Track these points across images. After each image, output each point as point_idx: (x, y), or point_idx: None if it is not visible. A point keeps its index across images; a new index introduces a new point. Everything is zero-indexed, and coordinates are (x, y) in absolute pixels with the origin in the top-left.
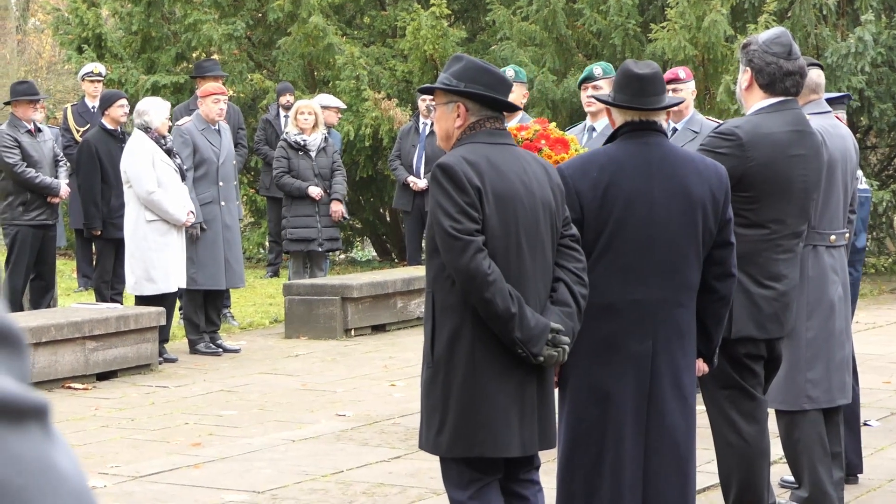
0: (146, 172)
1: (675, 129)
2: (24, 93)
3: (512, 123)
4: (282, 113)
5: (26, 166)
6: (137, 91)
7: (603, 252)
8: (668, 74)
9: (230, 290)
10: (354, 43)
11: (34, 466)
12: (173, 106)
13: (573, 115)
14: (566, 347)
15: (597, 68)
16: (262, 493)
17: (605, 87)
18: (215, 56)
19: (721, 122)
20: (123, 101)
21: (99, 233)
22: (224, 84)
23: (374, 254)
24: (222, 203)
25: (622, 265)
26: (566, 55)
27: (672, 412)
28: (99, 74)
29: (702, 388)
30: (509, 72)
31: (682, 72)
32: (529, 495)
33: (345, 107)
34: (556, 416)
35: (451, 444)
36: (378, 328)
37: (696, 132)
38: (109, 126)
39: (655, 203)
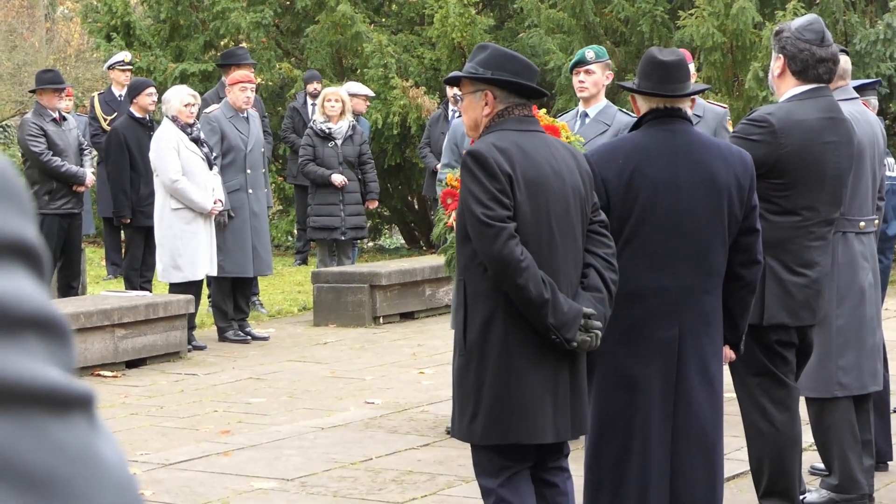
0: (170, 161)
1: None
2: (49, 81)
3: None
4: (309, 101)
5: (52, 155)
6: (166, 79)
7: (629, 239)
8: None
9: (258, 277)
10: (382, 31)
11: (79, 456)
12: (202, 93)
13: None
14: (599, 333)
15: (588, 52)
16: (291, 481)
17: (598, 72)
18: (244, 44)
19: (724, 105)
20: (152, 90)
21: (128, 221)
22: (252, 72)
23: (403, 241)
24: (250, 191)
25: (648, 252)
26: (594, 42)
27: (698, 399)
28: (128, 63)
29: (732, 376)
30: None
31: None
32: (559, 482)
33: (373, 95)
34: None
35: (484, 431)
36: (406, 316)
37: (700, 116)
38: (138, 114)
39: (681, 190)
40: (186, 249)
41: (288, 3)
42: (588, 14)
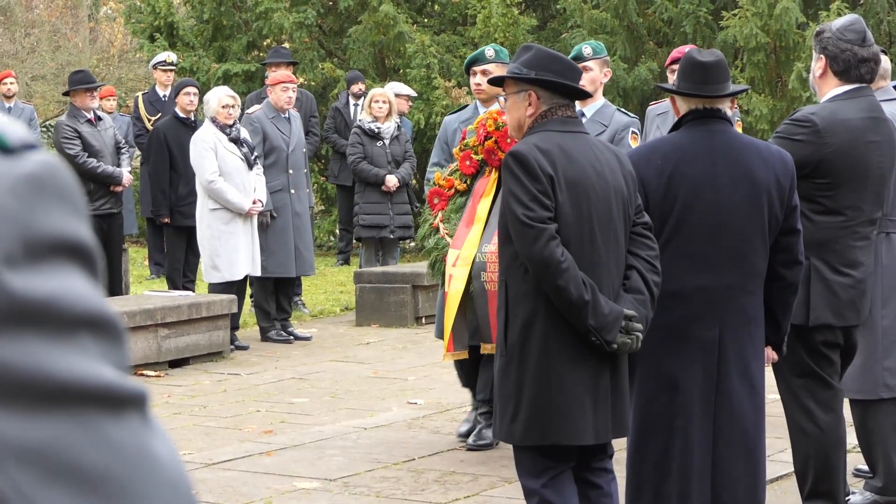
0: (208, 161)
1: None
2: (80, 81)
3: (493, 106)
4: (351, 101)
5: (87, 156)
6: (209, 79)
7: (669, 239)
8: (674, 53)
9: (301, 277)
10: (425, 31)
11: (133, 455)
12: (245, 93)
13: (644, 102)
14: (639, 335)
15: (585, 48)
16: (333, 481)
17: (595, 69)
18: (286, 44)
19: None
20: (190, 89)
21: (167, 220)
22: (294, 72)
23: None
24: (292, 191)
25: (689, 252)
26: (637, 43)
27: (740, 399)
28: (171, 64)
29: (776, 377)
30: (489, 51)
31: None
32: (602, 483)
33: (415, 95)
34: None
35: (525, 432)
36: None
37: None
38: (181, 114)
39: (721, 190)
40: (225, 250)
41: (331, 3)
42: (631, 15)
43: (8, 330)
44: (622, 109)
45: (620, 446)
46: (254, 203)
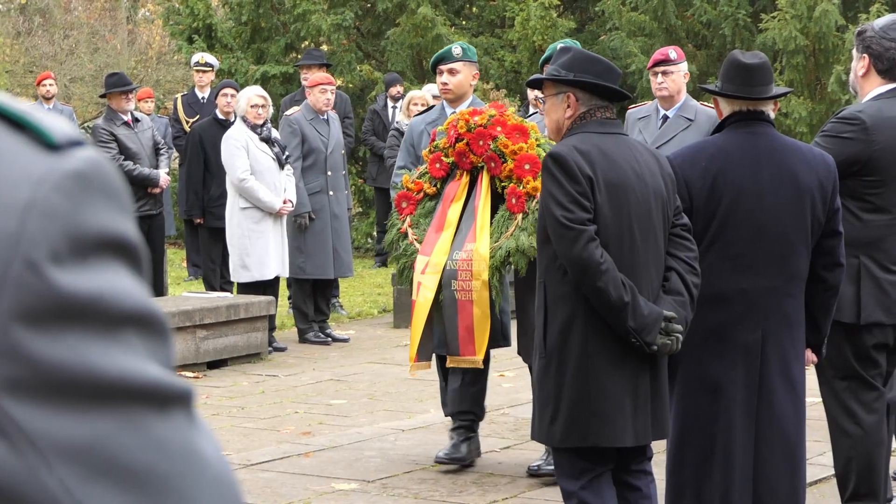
0: (239, 159)
1: (665, 117)
2: (115, 84)
3: (462, 107)
4: (390, 104)
5: (124, 159)
6: (247, 81)
7: (712, 241)
8: (657, 55)
9: (339, 279)
10: (463, 33)
11: (179, 452)
12: (283, 95)
13: None
14: (679, 336)
15: (560, 46)
16: (371, 482)
17: None
18: (324, 46)
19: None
20: (228, 90)
21: (200, 221)
22: (332, 74)
23: None
24: (331, 193)
25: (732, 254)
26: (675, 45)
27: (781, 402)
28: (206, 64)
29: (819, 378)
30: (456, 49)
31: (672, 52)
32: (642, 486)
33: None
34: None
35: (564, 434)
36: None
37: (691, 120)
38: (220, 115)
39: (764, 192)
40: (254, 249)
41: (369, 5)
42: (670, 17)
43: (55, 327)
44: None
45: (660, 448)
46: (284, 203)
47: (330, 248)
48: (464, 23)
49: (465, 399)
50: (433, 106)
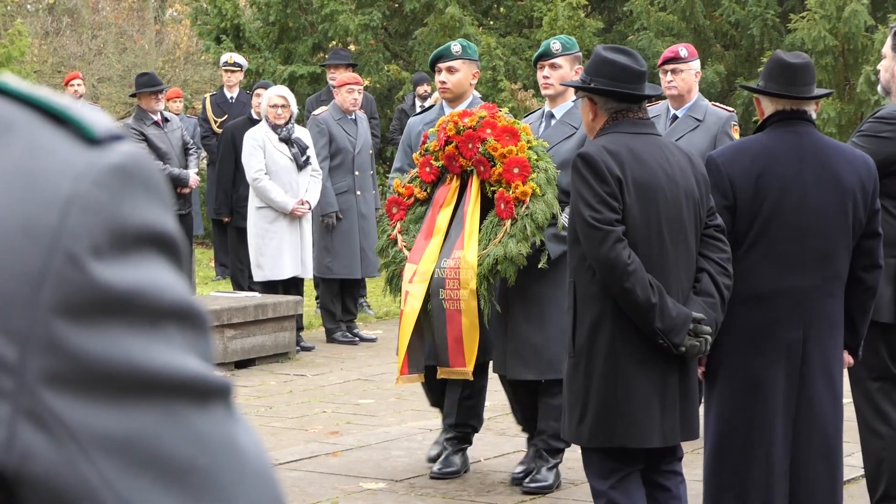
0: (255, 159)
1: (675, 117)
2: (145, 84)
3: (459, 108)
4: (417, 103)
5: (154, 159)
6: (275, 81)
7: (757, 239)
8: (667, 53)
9: (366, 279)
10: (490, 33)
11: (218, 446)
12: (309, 94)
13: None
14: (708, 338)
15: (554, 43)
16: (399, 482)
17: (565, 66)
18: (351, 46)
19: (730, 109)
20: (260, 90)
21: (227, 219)
22: (359, 74)
23: None
24: (358, 192)
25: (776, 253)
26: (704, 46)
27: (821, 402)
28: (235, 64)
29: (851, 378)
30: (456, 46)
31: (683, 49)
32: (671, 486)
33: (479, 96)
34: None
35: (592, 434)
36: None
37: (699, 120)
38: (255, 115)
39: (808, 191)
40: (268, 248)
41: (396, 5)
42: (698, 17)
43: (96, 321)
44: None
45: (689, 449)
46: (301, 204)
47: (357, 248)
48: (491, 23)
49: (462, 411)
50: (433, 105)
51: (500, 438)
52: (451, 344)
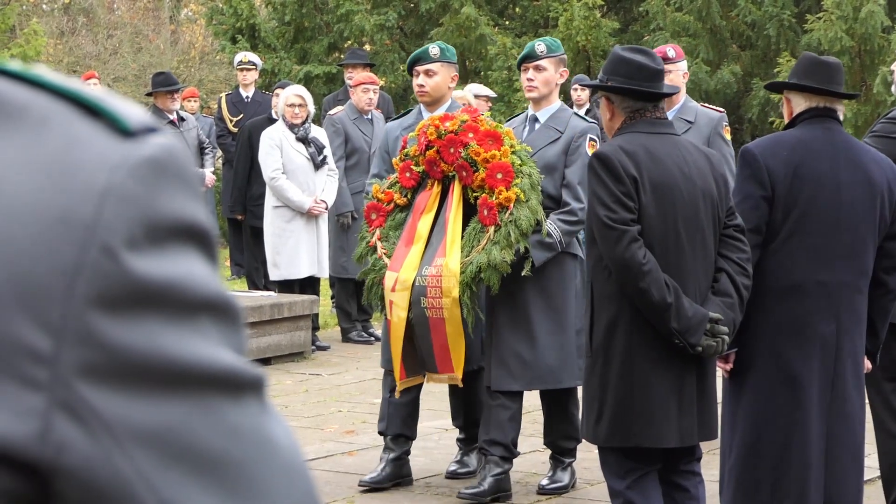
0: (271, 158)
1: None
2: (161, 84)
3: (438, 112)
4: None
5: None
6: (291, 81)
7: (792, 232)
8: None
9: None
10: (506, 33)
11: (252, 439)
12: (324, 96)
13: (727, 105)
14: (725, 338)
15: (539, 45)
16: (416, 482)
17: (550, 68)
18: (367, 46)
19: (720, 109)
20: (279, 90)
21: (241, 217)
22: (375, 74)
23: None
24: None
25: (810, 245)
26: (720, 46)
27: (852, 398)
28: (250, 62)
29: (866, 379)
30: (434, 49)
31: (671, 50)
32: (690, 487)
33: (495, 96)
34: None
35: (608, 433)
36: None
37: (690, 122)
38: (274, 115)
39: (841, 187)
40: (285, 248)
41: (412, 5)
42: (714, 17)
43: (130, 313)
44: (579, 114)
45: (706, 448)
46: (317, 203)
47: None
48: (507, 23)
49: (470, 411)
50: (410, 110)
51: (519, 438)
52: (438, 351)
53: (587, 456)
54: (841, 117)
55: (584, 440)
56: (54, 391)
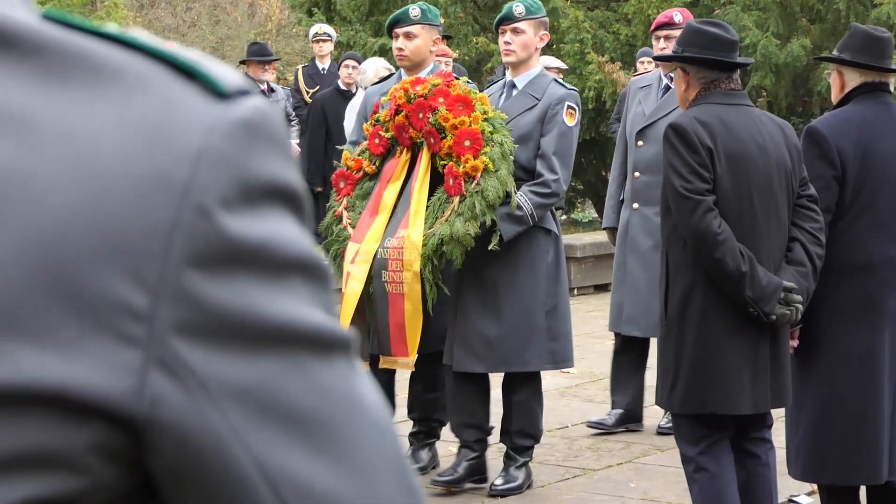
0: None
1: (667, 87)
2: (255, 53)
3: (423, 73)
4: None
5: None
6: (366, 53)
7: (862, 209)
8: (660, 17)
9: None
10: (578, 7)
11: (340, 398)
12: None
13: (796, 79)
14: (799, 306)
15: (517, 6)
16: (491, 446)
17: (529, 31)
18: (440, 19)
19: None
20: (349, 62)
21: (320, 189)
22: (449, 46)
23: (595, 215)
24: None
25: (879, 223)
26: (790, 19)
27: None
28: (325, 34)
29: None
30: (414, 10)
31: (677, 14)
32: (760, 453)
33: (566, 68)
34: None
35: (683, 400)
36: (601, 287)
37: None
38: (342, 86)
39: None
40: None
41: None
42: None
43: (224, 272)
44: (560, 80)
45: (777, 415)
46: None
47: None
48: None
49: (425, 405)
50: (392, 74)
51: (587, 405)
52: (393, 330)
53: (657, 423)
54: (892, 90)
55: (657, 405)
56: (150, 348)
